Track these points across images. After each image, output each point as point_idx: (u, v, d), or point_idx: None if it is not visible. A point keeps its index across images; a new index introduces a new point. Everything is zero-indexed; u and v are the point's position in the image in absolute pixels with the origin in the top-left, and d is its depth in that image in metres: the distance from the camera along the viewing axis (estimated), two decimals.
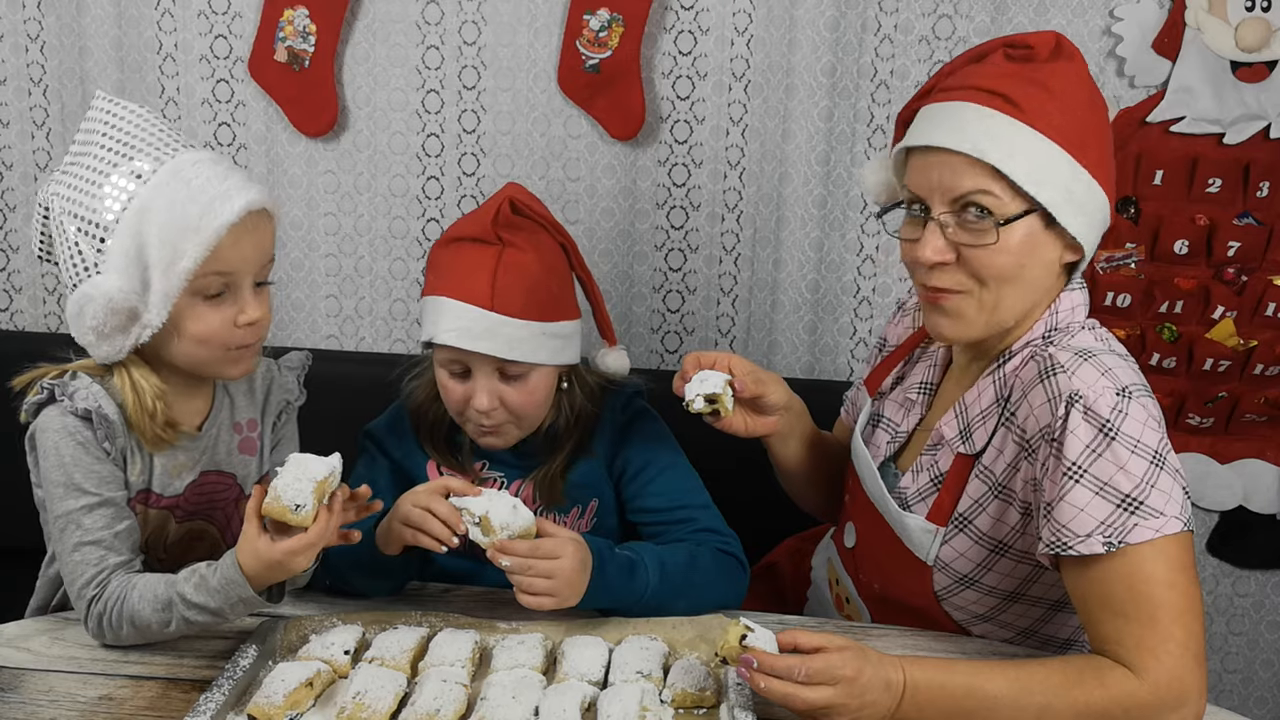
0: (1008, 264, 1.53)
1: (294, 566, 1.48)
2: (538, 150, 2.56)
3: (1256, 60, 2.37)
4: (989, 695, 1.41)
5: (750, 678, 1.38)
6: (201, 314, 1.56)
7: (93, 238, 1.52)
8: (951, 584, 1.64)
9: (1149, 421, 1.46)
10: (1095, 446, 1.44)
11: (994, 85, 1.53)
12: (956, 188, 1.53)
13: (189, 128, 2.61)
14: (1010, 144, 1.50)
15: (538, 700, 1.44)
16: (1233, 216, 2.43)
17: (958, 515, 1.61)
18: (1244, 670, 2.74)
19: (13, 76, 2.63)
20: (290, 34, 2.49)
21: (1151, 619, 1.40)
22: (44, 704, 1.47)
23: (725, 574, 1.74)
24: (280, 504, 1.44)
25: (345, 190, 2.62)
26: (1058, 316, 1.59)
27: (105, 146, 1.55)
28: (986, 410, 1.60)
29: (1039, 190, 1.50)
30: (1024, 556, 1.59)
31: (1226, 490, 2.60)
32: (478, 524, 1.57)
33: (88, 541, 1.55)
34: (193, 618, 1.51)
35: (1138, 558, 1.41)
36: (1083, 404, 1.45)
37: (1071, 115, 1.52)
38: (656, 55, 2.50)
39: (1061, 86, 1.52)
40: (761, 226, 2.56)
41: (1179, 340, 2.50)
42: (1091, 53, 2.39)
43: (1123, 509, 1.42)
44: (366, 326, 2.70)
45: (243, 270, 1.58)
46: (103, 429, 1.58)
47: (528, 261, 1.70)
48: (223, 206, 1.53)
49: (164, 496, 1.67)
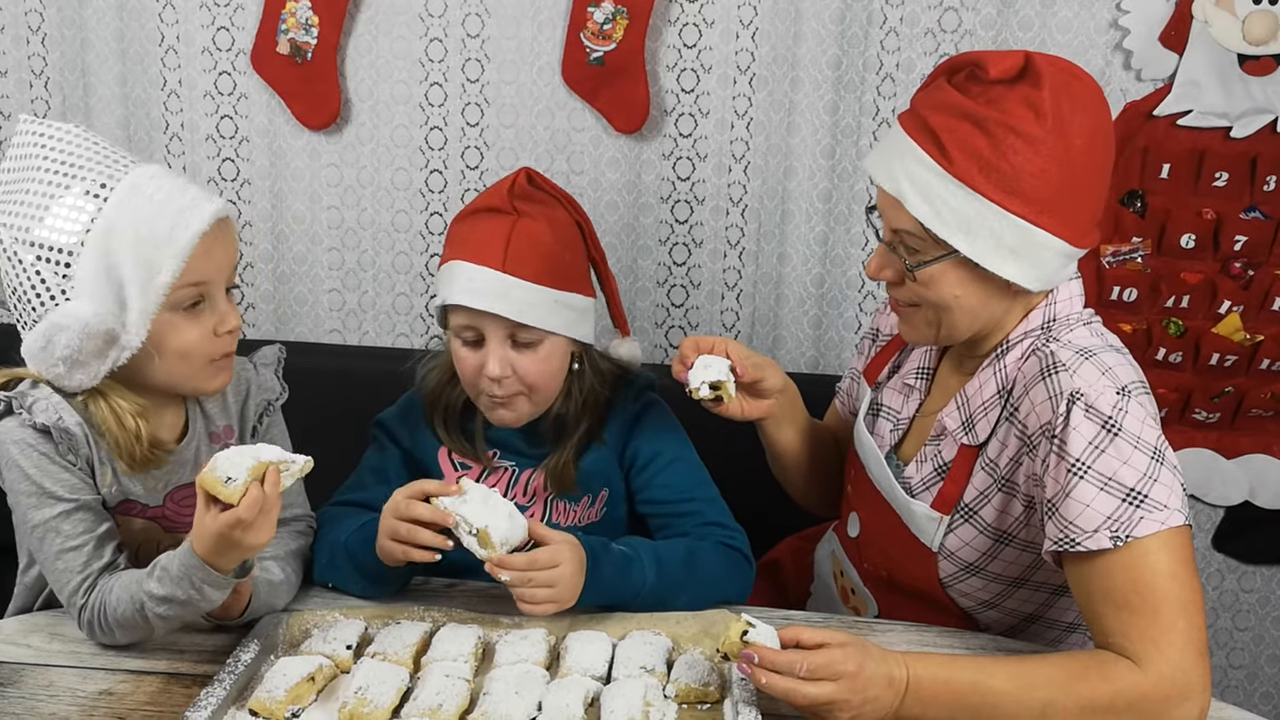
0: (937, 297, 1.58)
1: (246, 542, 1.42)
2: (541, 144, 2.55)
3: (1264, 53, 2.36)
4: (993, 691, 1.40)
5: (751, 673, 1.38)
6: (181, 328, 1.54)
7: (55, 264, 1.49)
8: (957, 571, 1.65)
9: (1147, 419, 1.47)
10: (1098, 443, 1.45)
11: (936, 123, 1.52)
12: (890, 221, 1.59)
13: (191, 121, 2.60)
14: (932, 194, 1.51)
15: (541, 695, 1.44)
16: (1240, 210, 2.42)
17: (963, 505, 1.61)
18: (1249, 666, 2.73)
19: (14, 69, 2.62)
20: (292, 26, 2.48)
21: (1155, 611, 1.40)
22: (44, 699, 1.46)
23: (729, 568, 1.73)
24: (213, 475, 1.41)
25: (348, 184, 2.61)
26: (1055, 307, 1.59)
27: (47, 170, 1.51)
28: (988, 402, 1.60)
29: (960, 240, 1.51)
30: (1028, 546, 1.60)
31: (1233, 485, 2.59)
32: (474, 535, 1.55)
33: (69, 548, 1.54)
34: (163, 612, 1.49)
35: (1143, 551, 1.41)
36: (1084, 402, 1.46)
37: (1013, 158, 1.48)
38: (661, 48, 2.49)
39: (1008, 124, 1.48)
40: (766, 221, 2.55)
41: (1185, 335, 2.49)
42: (1098, 45, 2.39)
43: (1128, 503, 1.42)
44: (370, 320, 2.69)
45: (216, 279, 1.56)
46: (64, 442, 1.55)
47: (541, 230, 1.71)
48: (192, 217, 1.51)
49: (148, 507, 1.65)
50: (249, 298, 2.69)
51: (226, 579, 1.47)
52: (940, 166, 1.50)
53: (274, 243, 2.66)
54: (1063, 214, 1.51)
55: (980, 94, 1.50)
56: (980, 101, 1.49)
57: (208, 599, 1.49)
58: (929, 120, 1.52)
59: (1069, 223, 1.51)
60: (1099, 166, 1.54)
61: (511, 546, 1.56)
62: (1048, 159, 1.48)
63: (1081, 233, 1.54)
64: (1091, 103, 1.52)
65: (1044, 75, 1.48)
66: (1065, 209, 1.51)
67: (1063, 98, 1.48)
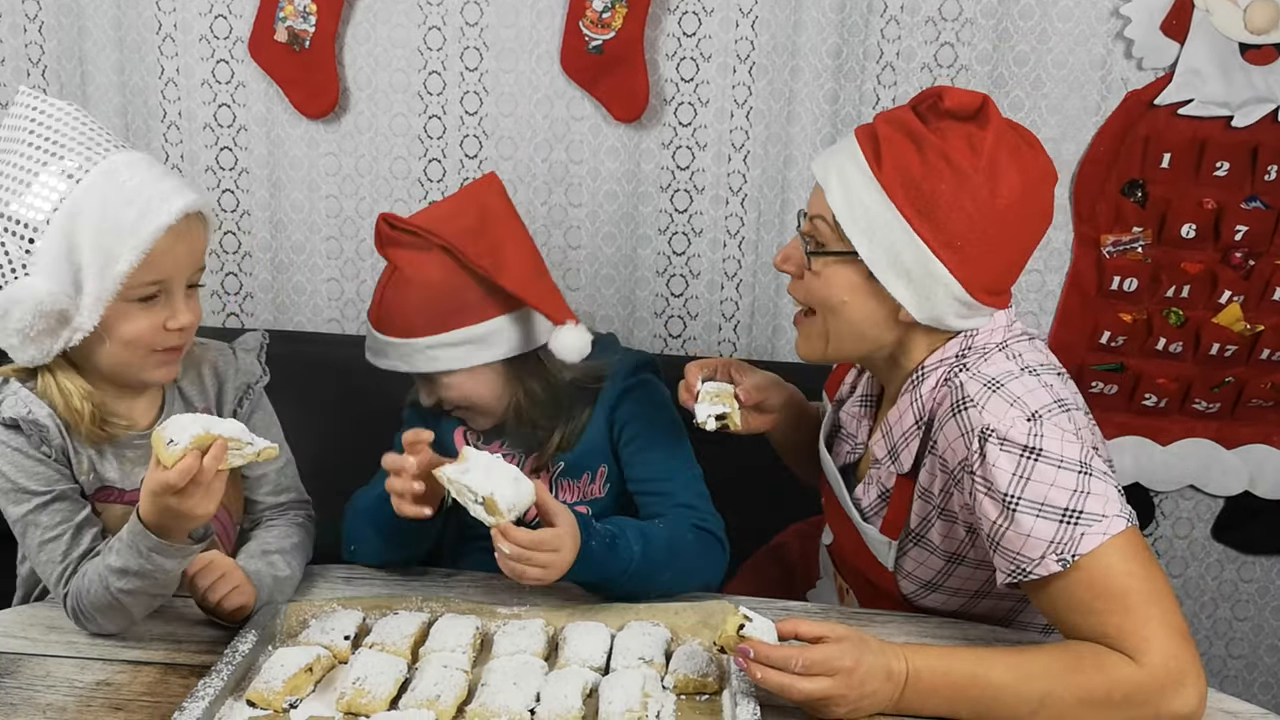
0: (826, 295, 1.58)
1: (181, 509, 1.41)
2: (540, 132, 2.54)
3: (1265, 42, 2.35)
4: (991, 683, 1.41)
5: (747, 667, 1.38)
6: (132, 317, 1.54)
7: (20, 238, 1.49)
8: (918, 589, 1.68)
9: (1065, 436, 1.46)
10: (1022, 472, 1.45)
11: (882, 132, 1.53)
12: (810, 208, 1.61)
13: (188, 109, 2.59)
14: (852, 190, 1.53)
15: (539, 686, 1.44)
16: (1240, 200, 2.41)
17: (910, 531, 1.63)
18: (1248, 655, 2.73)
19: (11, 57, 2.61)
20: (290, 14, 2.47)
21: (1125, 607, 1.40)
22: (41, 689, 1.46)
23: (703, 551, 1.75)
24: (159, 432, 1.40)
25: (346, 172, 2.61)
26: (975, 337, 1.58)
27: (33, 144, 1.51)
28: (908, 432, 1.60)
29: (859, 241, 1.53)
30: (980, 564, 1.61)
31: (1232, 475, 2.59)
32: (480, 503, 1.54)
33: (49, 539, 1.55)
34: (124, 586, 1.48)
35: (1092, 562, 1.41)
36: (996, 436, 1.46)
37: (937, 183, 1.49)
38: (660, 36, 2.48)
39: (943, 152, 1.48)
40: (766, 210, 2.54)
41: (1185, 325, 2.48)
42: (1099, 34, 2.38)
43: (1066, 523, 1.42)
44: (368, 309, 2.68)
45: (175, 275, 1.56)
46: (36, 434, 1.56)
47: (404, 282, 1.76)
48: (159, 209, 1.51)
49: (125, 492, 1.65)
50: (247, 287, 2.69)
51: (174, 547, 1.46)
52: (870, 169, 1.52)
53: (272, 232, 2.65)
54: (966, 256, 1.50)
55: (932, 120, 1.52)
56: (929, 126, 1.51)
57: (160, 569, 1.47)
58: (877, 129, 1.55)
59: (971, 267, 1.51)
60: (1020, 229, 1.53)
61: (519, 511, 1.55)
62: (969, 197, 1.48)
63: (982, 285, 1.53)
64: (1032, 168, 1.51)
65: (993, 122, 1.49)
66: (971, 252, 1.50)
67: (1003, 148, 1.49)
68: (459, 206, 1.83)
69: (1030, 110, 2.43)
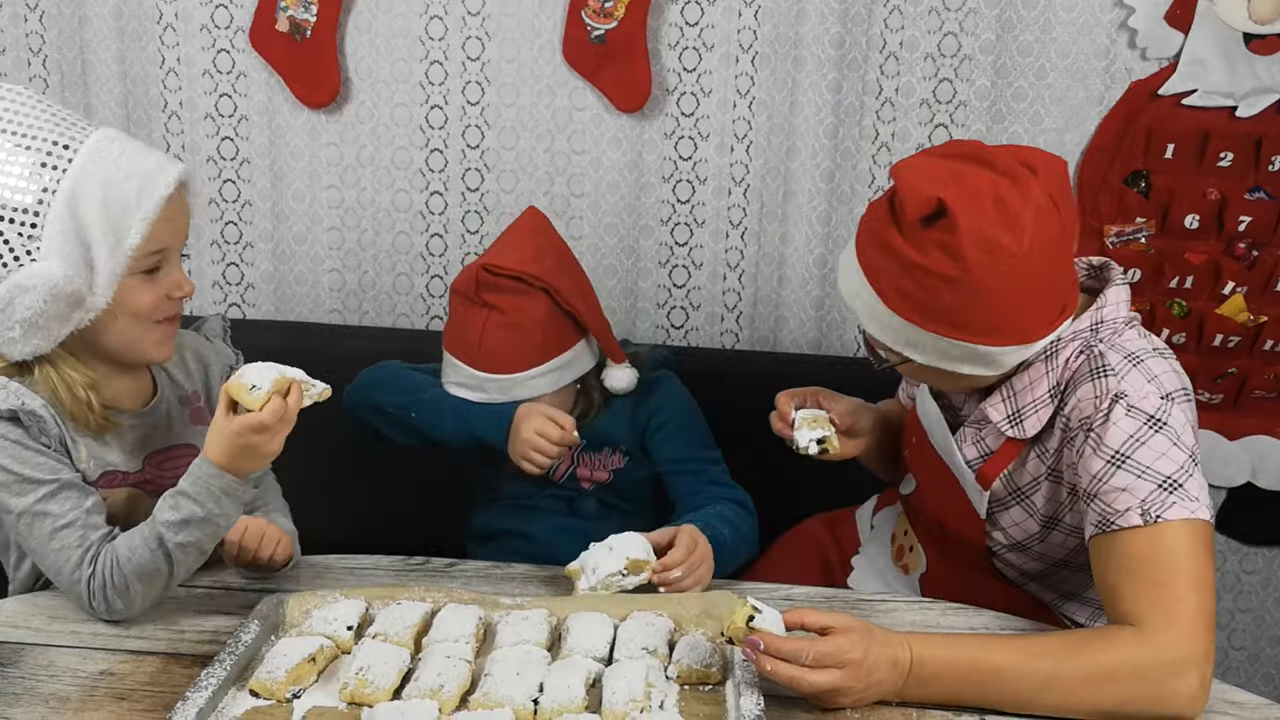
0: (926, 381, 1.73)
1: (261, 448, 1.50)
2: (542, 123, 2.54)
3: (1269, 32, 2.34)
4: (995, 666, 1.42)
5: (757, 660, 1.39)
6: (138, 291, 1.57)
7: (19, 224, 1.49)
8: (1006, 546, 1.73)
9: (1187, 423, 1.53)
10: (1140, 436, 1.49)
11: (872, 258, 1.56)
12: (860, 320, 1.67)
13: (190, 99, 2.59)
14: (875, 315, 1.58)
15: (542, 677, 1.43)
16: (1244, 191, 2.41)
17: (1018, 488, 1.67)
18: (1250, 647, 2.73)
19: (12, 46, 2.61)
20: (292, 3, 2.47)
21: (1169, 581, 1.43)
22: (44, 679, 1.46)
23: (748, 518, 1.95)
24: (239, 381, 1.48)
25: (348, 163, 2.60)
26: (1103, 310, 1.62)
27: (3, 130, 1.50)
28: (1039, 400, 1.62)
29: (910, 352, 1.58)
30: (1073, 530, 1.65)
31: (1235, 466, 2.59)
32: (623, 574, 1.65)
33: (63, 525, 1.54)
34: (183, 539, 1.51)
35: (1168, 531, 1.45)
36: (1127, 402, 1.51)
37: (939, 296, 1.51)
38: (663, 26, 2.47)
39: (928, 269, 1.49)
40: (769, 201, 2.54)
41: (1189, 315, 2.48)
42: (1102, 24, 2.37)
43: (1162, 489, 1.47)
44: (370, 300, 2.68)
45: (174, 244, 1.60)
46: (34, 425, 1.56)
47: (507, 323, 1.91)
48: (157, 180, 1.53)
49: (128, 474, 1.66)
50: (249, 278, 2.68)
51: (244, 486, 1.53)
52: (879, 299, 1.56)
53: (273, 222, 2.65)
54: (1003, 333, 1.53)
55: (908, 231, 1.51)
56: (908, 241, 1.51)
57: (225, 514, 1.53)
58: (867, 251, 1.58)
59: (1013, 333, 1.54)
60: (1035, 281, 1.52)
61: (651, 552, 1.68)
62: (973, 296, 1.50)
63: (1032, 331, 1.55)
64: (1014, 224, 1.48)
65: (958, 219, 1.47)
66: (1005, 329, 1.53)
67: (976, 240, 1.47)
68: (534, 248, 1.96)
69: (1033, 100, 2.42)
